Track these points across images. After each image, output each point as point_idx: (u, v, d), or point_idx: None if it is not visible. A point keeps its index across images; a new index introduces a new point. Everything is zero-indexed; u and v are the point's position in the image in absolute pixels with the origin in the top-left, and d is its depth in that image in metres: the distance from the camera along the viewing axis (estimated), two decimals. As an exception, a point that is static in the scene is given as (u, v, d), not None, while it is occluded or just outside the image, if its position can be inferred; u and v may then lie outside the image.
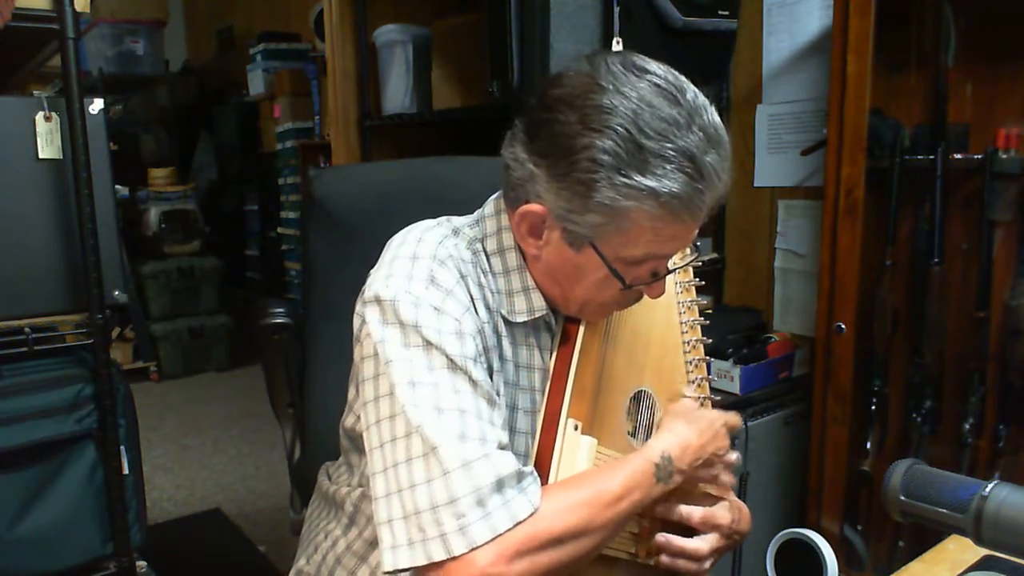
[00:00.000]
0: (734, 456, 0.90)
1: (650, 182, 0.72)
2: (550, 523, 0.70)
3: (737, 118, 2.01)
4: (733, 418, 0.91)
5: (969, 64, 1.54)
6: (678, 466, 0.81)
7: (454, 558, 0.67)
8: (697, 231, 0.80)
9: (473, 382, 0.75)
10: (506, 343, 0.85)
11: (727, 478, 0.90)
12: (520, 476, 0.71)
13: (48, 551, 1.59)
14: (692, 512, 0.87)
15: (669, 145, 0.72)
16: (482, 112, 1.99)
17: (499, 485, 0.69)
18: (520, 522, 0.69)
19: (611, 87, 0.73)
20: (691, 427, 0.85)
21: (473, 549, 0.67)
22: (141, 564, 1.72)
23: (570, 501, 0.73)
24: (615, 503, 0.74)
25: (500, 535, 0.67)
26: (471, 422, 0.72)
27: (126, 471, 1.67)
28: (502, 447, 0.72)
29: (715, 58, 1.91)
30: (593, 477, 0.77)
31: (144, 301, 4.02)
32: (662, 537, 0.87)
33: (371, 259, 0.84)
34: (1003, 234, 1.52)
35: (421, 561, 0.68)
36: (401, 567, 0.69)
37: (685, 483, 0.84)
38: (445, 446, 0.69)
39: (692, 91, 0.75)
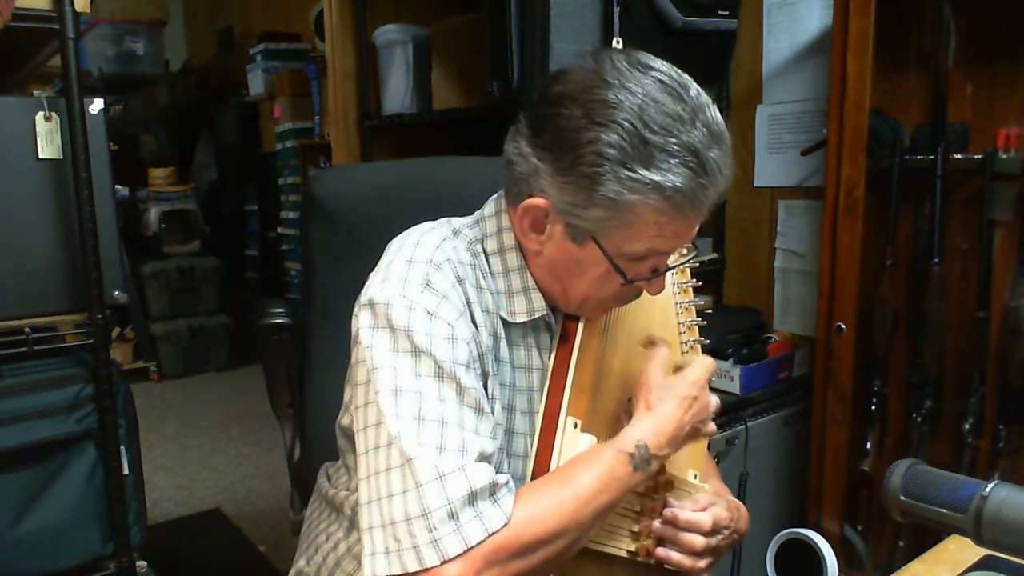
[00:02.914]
0: (714, 403, 0.85)
1: (655, 176, 0.72)
2: (519, 532, 0.70)
3: (737, 118, 2.01)
4: (702, 372, 0.84)
5: (969, 64, 1.54)
6: (655, 452, 0.78)
7: (426, 570, 0.68)
8: (697, 228, 0.80)
9: (461, 389, 0.74)
10: (503, 345, 0.85)
11: (710, 427, 0.86)
12: (494, 488, 0.71)
13: (48, 551, 1.59)
14: (676, 515, 0.87)
15: (673, 140, 0.72)
16: (482, 112, 1.99)
17: (471, 498, 0.69)
18: (492, 533, 0.69)
19: (616, 82, 0.74)
20: (664, 408, 0.80)
21: (445, 562, 0.67)
22: (141, 564, 1.72)
23: (543, 507, 0.72)
24: (590, 501, 0.74)
25: (471, 548, 0.68)
26: (452, 433, 0.72)
27: (126, 471, 1.67)
28: (484, 457, 0.72)
29: (715, 58, 1.91)
30: (568, 475, 0.76)
31: (144, 301, 4.02)
32: (662, 552, 0.87)
33: (371, 259, 0.84)
34: (1003, 234, 1.52)
35: (397, 570, 0.69)
36: (379, 575, 0.70)
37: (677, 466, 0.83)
38: (420, 458, 0.70)
39: (695, 88, 0.76)
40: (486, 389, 0.80)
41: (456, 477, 0.69)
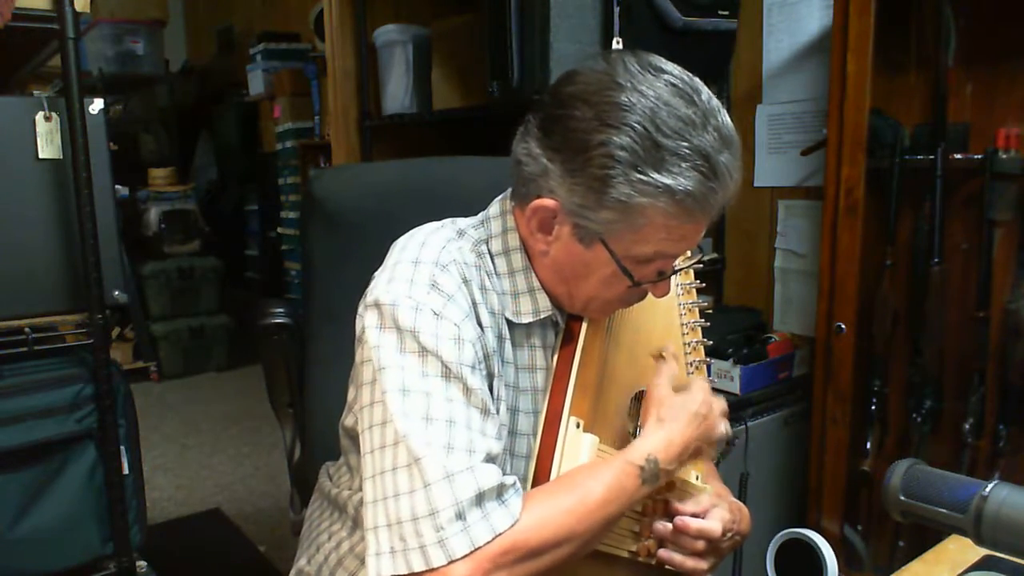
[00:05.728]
0: (723, 430, 0.88)
1: (666, 179, 0.72)
2: (527, 535, 0.70)
3: (737, 118, 2.00)
4: (718, 402, 0.89)
5: (969, 64, 1.54)
6: (664, 467, 0.80)
7: (433, 570, 0.68)
8: (705, 232, 0.80)
9: (467, 390, 0.74)
10: (508, 346, 0.85)
11: (711, 450, 0.89)
12: (501, 489, 0.71)
13: (48, 551, 1.59)
14: (688, 524, 0.87)
15: (685, 144, 0.72)
16: (482, 112, 1.99)
17: (479, 499, 0.69)
18: (499, 534, 0.69)
19: (629, 85, 0.74)
20: (674, 423, 0.83)
21: (452, 562, 0.67)
22: (141, 564, 1.72)
23: (551, 511, 0.73)
24: (598, 510, 0.74)
25: (478, 548, 0.68)
26: (459, 433, 0.72)
27: (126, 471, 1.67)
28: (490, 458, 0.73)
29: (715, 58, 1.91)
30: (577, 482, 0.76)
31: (144, 301, 4.02)
32: (665, 553, 0.87)
33: (371, 259, 0.84)
34: (1003, 234, 1.52)
35: (402, 570, 0.69)
36: (384, 575, 0.70)
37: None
38: (428, 457, 0.70)
39: (706, 92, 0.76)
40: (491, 390, 0.80)
41: (464, 477, 0.69)
